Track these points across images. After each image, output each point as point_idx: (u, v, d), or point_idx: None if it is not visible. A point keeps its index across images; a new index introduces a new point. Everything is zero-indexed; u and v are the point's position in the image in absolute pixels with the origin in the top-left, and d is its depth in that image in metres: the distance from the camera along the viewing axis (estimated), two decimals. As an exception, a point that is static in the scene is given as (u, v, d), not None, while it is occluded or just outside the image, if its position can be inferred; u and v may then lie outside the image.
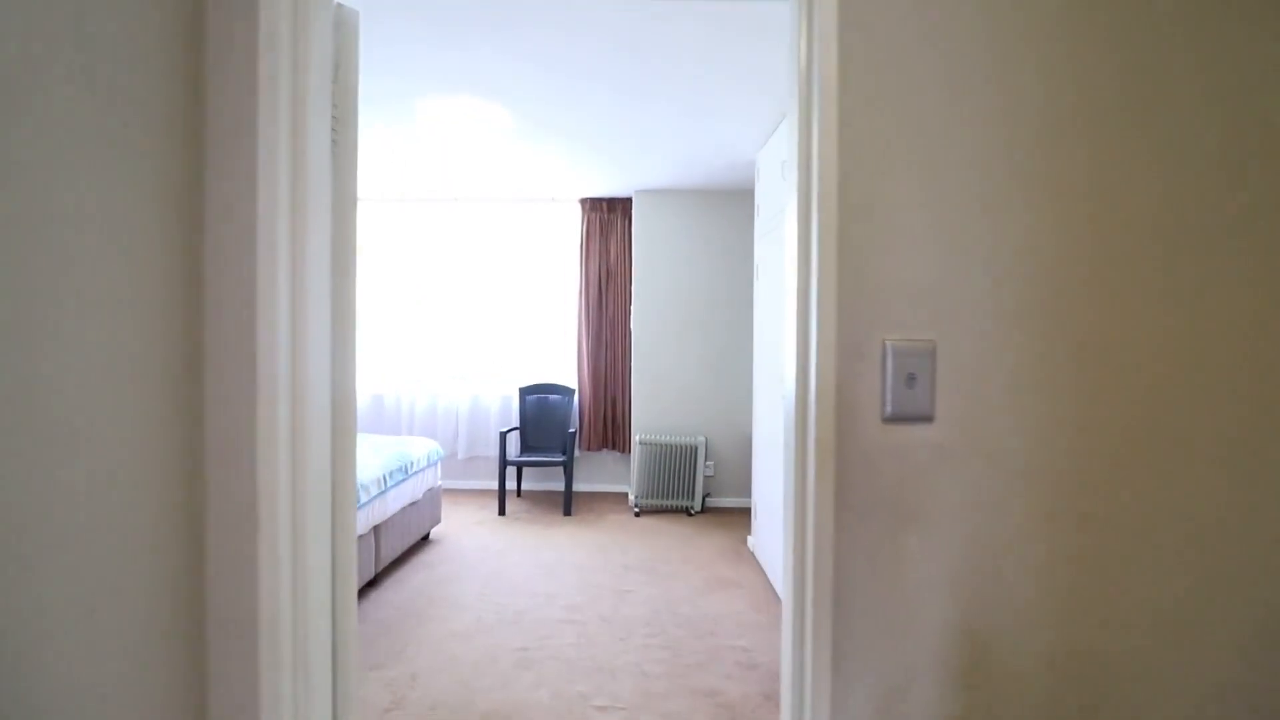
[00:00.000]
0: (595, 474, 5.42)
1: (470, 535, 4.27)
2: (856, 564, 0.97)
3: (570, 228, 5.31)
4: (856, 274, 0.96)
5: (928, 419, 0.96)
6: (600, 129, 3.57)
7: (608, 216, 5.21)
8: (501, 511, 4.73)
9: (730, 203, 4.92)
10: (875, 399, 0.96)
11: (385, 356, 5.52)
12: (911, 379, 0.95)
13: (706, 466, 4.84)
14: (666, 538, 4.23)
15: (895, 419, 0.96)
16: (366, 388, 5.51)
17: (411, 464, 3.78)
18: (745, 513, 4.71)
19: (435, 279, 5.44)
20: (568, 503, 4.72)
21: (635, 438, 4.86)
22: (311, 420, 1.00)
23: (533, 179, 4.67)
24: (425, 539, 4.18)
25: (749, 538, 4.02)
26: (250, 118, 0.95)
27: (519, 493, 5.29)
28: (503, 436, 4.75)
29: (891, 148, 0.96)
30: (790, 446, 1.00)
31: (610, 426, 5.28)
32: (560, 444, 5.06)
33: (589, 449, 5.26)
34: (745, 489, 4.87)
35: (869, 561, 0.97)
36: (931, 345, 0.96)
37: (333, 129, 1.12)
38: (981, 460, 0.97)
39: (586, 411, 5.23)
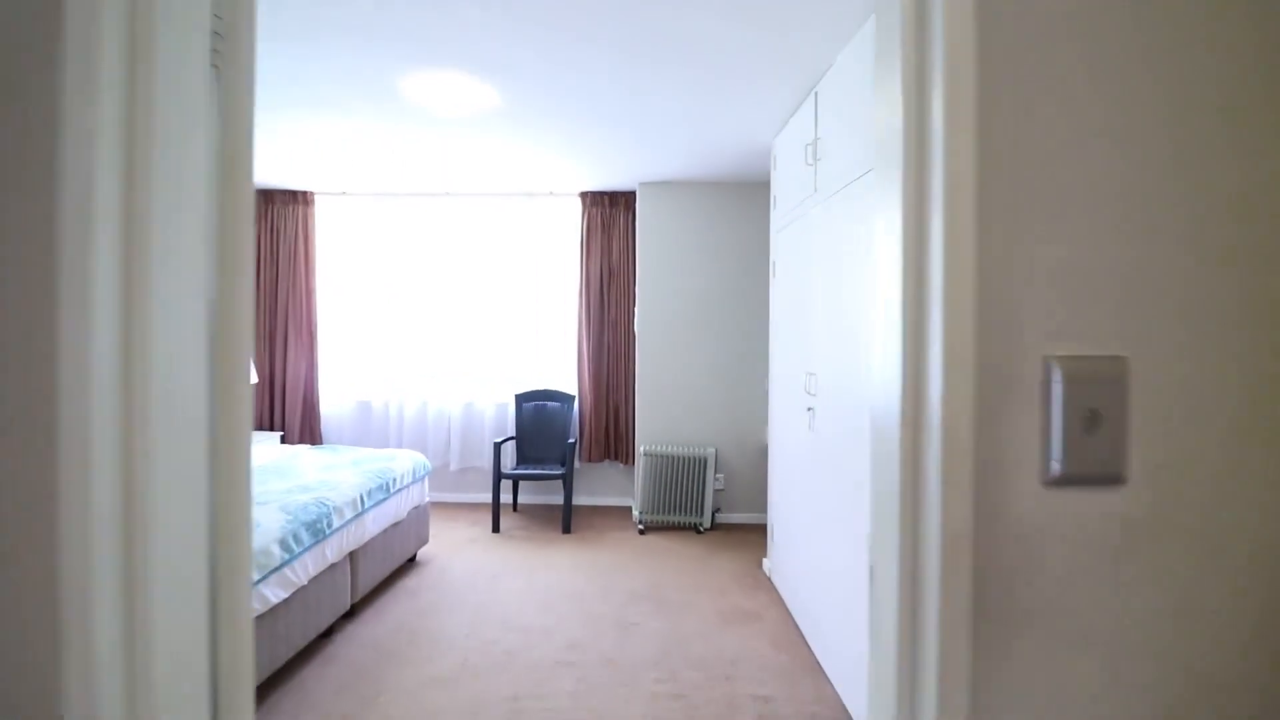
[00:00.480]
0: (597, 487, 5.07)
1: (460, 556, 3.92)
2: (1002, 702, 0.62)
3: (570, 223, 4.96)
4: (999, 252, 0.62)
5: (1116, 480, 0.62)
6: (600, 113, 3.22)
7: (610, 211, 4.86)
8: (496, 528, 4.38)
9: (743, 195, 4.57)
10: (1033, 450, 0.62)
11: (372, 361, 5.17)
12: (1092, 419, 0.61)
13: (716, 479, 4.49)
14: (675, 559, 3.88)
15: (1066, 481, 0.61)
16: (352, 394, 5.17)
17: (394, 481, 3.43)
18: (759, 530, 4.35)
19: (426, 279, 5.10)
20: (567, 519, 4.37)
21: (639, 449, 4.52)
22: (164, 468, 0.66)
23: (529, 171, 4.33)
24: (412, 560, 3.83)
25: (765, 560, 3.67)
26: (53, 19, 0.61)
27: (515, 506, 4.94)
28: (497, 447, 4.40)
29: (1056, 49, 0.61)
30: (894, 521, 0.66)
31: (613, 436, 4.93)
32: (559, 455, 4.71)
33: (590, 460, 4.91)
34: (759, 504, 4.52)
35: (1024, 700, 0.62)
36: (1121, 366, 0.62)
37: (215, 50, 0.78)
38: (1201, 545, 0.62)
39: (587, 420, 4.88)
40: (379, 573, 3.32)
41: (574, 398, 4.81)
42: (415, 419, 5.10)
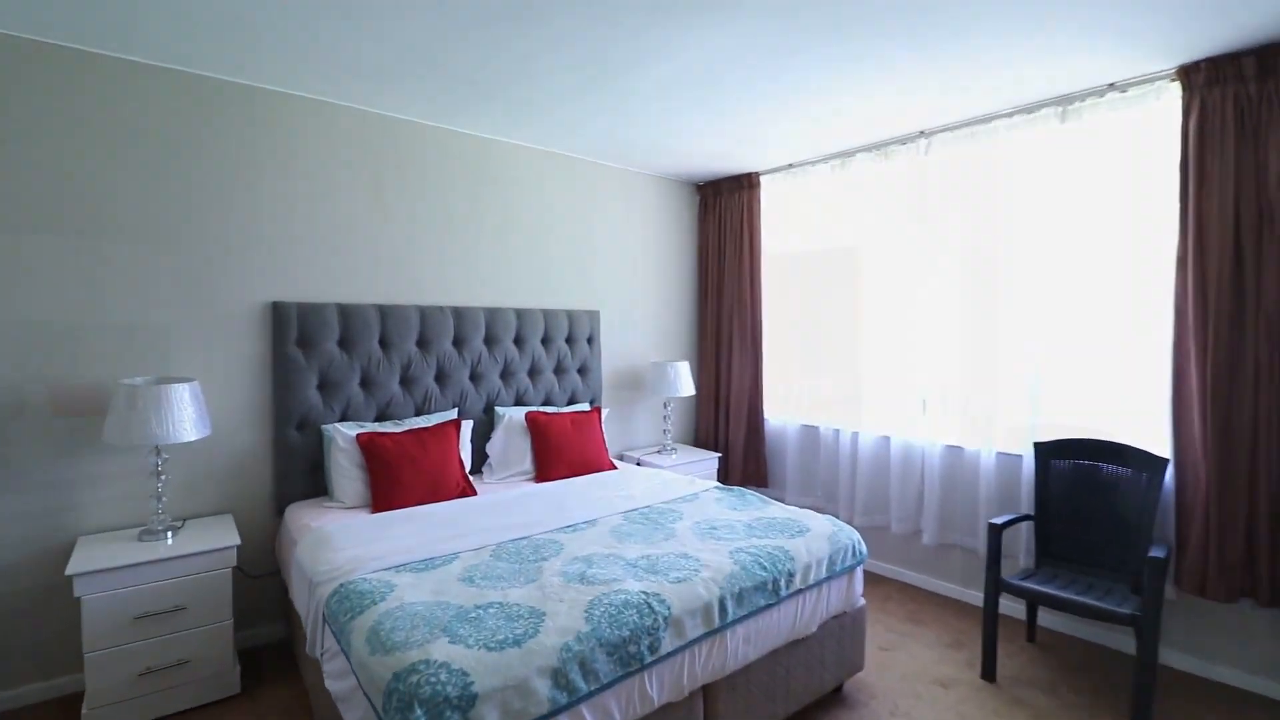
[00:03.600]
0: (1214, 645, 2.57)
1: (917, 713, 2.31)
2: None
3: (1153, 137, 2.66)
4: None
5: None
6: None
7: (1255, 90, 2.36)
8: (988, 673, 2.56)
9: None
10: None
11: (818, 373, 3.99)
12: None
13: None
14: None
15: None
16: (796, 414, 4.11)
17: (790, 578, 2.13)
18: None
19: (887, 260, 3.60)
20: (1144, 703, 2.18)
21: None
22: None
23: (1055, 43, 2.35)
24: (837, 691, 2.45)
25: None
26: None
27: (1031, 635, 2.92)
28: (996, 531, 2.58)
29: None
30: None
31: (1264, 550, 2.37)
32: (1124, 565, 2.51)
33: (1199, 592, 2.48)
34: None
35: None
36: None
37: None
38: None
39: (1198, 510, 2.48)
40: (761, 717, 2.08)
41: (1165, 463, 2.50)
42: (872, 457, 3.66)
